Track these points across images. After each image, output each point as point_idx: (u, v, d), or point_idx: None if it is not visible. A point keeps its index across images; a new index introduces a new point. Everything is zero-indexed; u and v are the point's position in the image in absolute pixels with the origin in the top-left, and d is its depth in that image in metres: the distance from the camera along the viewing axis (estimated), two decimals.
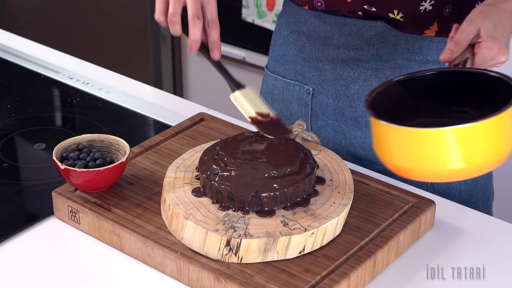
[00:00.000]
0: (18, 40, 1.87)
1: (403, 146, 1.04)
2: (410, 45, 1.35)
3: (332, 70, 1.40)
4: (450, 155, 1.01)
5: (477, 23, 1.14)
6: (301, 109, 1.47)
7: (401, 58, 1.35)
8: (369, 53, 1.36)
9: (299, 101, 1.47)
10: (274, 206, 1.15)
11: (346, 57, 1.37)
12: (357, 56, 1.37)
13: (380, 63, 1.36)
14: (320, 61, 1.41)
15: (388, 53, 1.35)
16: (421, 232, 1.22)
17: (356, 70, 1.38)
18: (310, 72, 1.44)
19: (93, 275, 1.16)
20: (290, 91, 1.48)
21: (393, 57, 1.35)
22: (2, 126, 1.54)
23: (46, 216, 1.26)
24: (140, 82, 1.71)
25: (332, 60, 1.39)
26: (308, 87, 1.45)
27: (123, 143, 1.27)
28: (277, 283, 1.07)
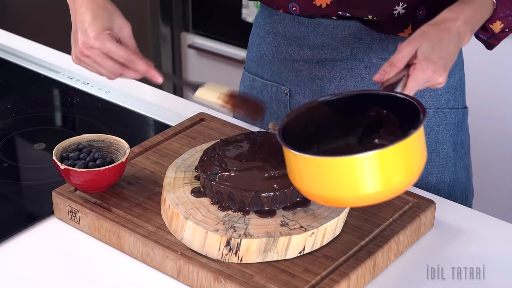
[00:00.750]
0: (18, 40, 1.87)
1: (313, 174, 1.02)
2: (384, 45, 1.35)
3: (307, 70, 1.40)
4: (360, 181, 1.00)
5: (415, 44, 1.12)
6: (280, 109, 1.48)
7: (376, 58, 1.35)
8: (343, 53, 1.36)
9: (277, 101, 1.47)
10: (274, 206, 1.15)
11: (321, 57, 1.37)
12: (332, 56, 1.37)
13: (355, 63, 1.36)
14: (296, 61, 1.41)
15: (362, 52, 1.35)
16: (421, 232, 1.22)
17: (331, 70, 1.38)
18: (286, 72, 1.44)
19: (93, 275, 1.16)
20: (268, 92, 1.49)
21: (368, 56, 1.35)
22: (2, 126, 1.54)
23: (46, 216, 1.26)
24: (140, 82, 1.71)
25: (308, 60, 1.39)
26: (285, 87, 1.45)
27: (123, 143, 1.27)
28: (277, 283, 1.07)
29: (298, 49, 1.40)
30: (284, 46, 1.42)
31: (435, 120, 1.40)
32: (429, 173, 1.42)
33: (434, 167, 1.42)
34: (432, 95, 1.38)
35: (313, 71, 1.39)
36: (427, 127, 1.39)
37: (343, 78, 1.38)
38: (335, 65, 1.37)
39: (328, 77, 1.39)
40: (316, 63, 1.39)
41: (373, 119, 1.10)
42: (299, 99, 1.44)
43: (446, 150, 1.41)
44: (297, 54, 1.40)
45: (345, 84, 1.38)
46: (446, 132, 1.41)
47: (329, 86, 1.39)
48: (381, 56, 1.35)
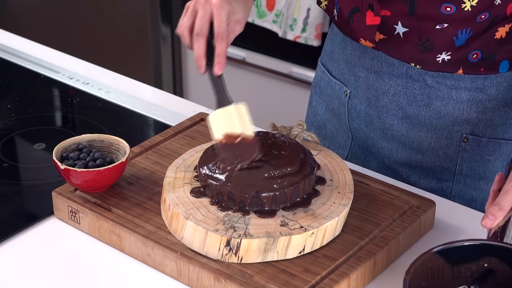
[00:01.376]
0: (18, 40, 1.87)
1: None
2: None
3: (365, 78, 1.39)
4: None
5: None
6: (340, 108, 1.47)
7: (432, 80, 1.33)
8: (399, 70, 1.35)
9: (338, 99, 1.47)
10: (274, 206, 1.15)
11: (378, 69, 1.36)
12: (388, 71, 1.36)
13: (410, 81, 1.34)
14: (357, 66, 1.40)
15: (417, 73, 1.33)
16: (421, 232, 1.22)
17: (387, 83, 1.37)
18: (349, 75, 1.43)
19: (93, 275, 1.16)
20: (332, 88, 1.48)
21: (423, 77, 1.33)
22: (2, 126, 1.54)
23: (46, 216, 1.26)
24: (140, 82, 1.71)
25: (367, 68, 1.38)
26: (346, 88, 1.44)
27: (123, 143, 1.27)
28: (277, 283, 1.07)
29: (360, 55, 1.39)
30: (350, 49, 1.41)
31: (487, 149, 1.36)
32: (474, 199, 1.39)
33: (479, 194, 1.39)
34: (487, 125, 1.35)
35: (370, 80, 1.38)
36: (478, 155, 1.37)
37: (397, 93, 1.36)
38: (391, 79, 1.36)
39: (383, 89, 1.37)
40: (374, 73, 1.37)
41: (486, 270, 1.07)
42: (356, 103, 1.43)
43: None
44: (359, 60, 1.39)
45: (398, 100, 1.36)
46: (499, 162, 1.37)
47: (382, 98, 1.38)
48: (437, 79, 1.32)
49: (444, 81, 1.32)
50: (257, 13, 2.71)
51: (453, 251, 1.07)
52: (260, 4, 2.69)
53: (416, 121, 1.37)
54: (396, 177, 1.42)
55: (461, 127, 1.35)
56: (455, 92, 1.32)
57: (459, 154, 1.37)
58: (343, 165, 1.26)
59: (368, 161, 1.47)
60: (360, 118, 1.44)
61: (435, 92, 1.33)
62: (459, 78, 1.31)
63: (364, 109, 1.42)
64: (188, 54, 3.03)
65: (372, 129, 1.42)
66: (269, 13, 2.68)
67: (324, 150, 1.30)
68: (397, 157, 1.41)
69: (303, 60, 2.72)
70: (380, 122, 1.40)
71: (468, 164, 1.37)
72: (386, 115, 1.39)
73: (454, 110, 1.33)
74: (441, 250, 1.06)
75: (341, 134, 1.50)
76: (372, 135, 1.43)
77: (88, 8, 3.14)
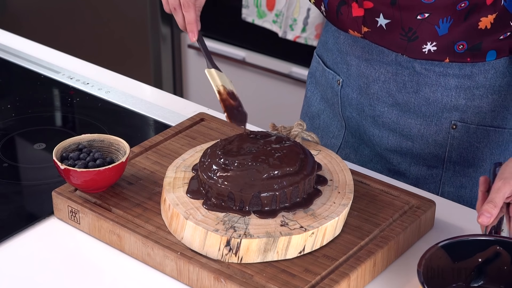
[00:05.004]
0: (18, 40, 1.87)
1: None
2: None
3: (357, 66, 1.41)
4: None
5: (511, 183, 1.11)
6: (333, 97, 1.50)
7: (420, 67, 1.34)
8: (389, 57, 1.36)
9: (331, 89, 1.50)
10: (274, 206, 1.15)
11: (369, 56, 1.39)
12: (378, 58, 1.38)
13: (400, 68, 1.36)
14: (349, 55, 1.43)
15: (407, 60, 1.35)
16: (421, 232, 1.22)
17: (377, 70, 1.39)
18: (341, 64, 1.46)
19: (93, 275, 1.16)
20: (326, 78, 1.51)
21: (412, 64, 1.35)
22: (2, 126, 1.54)
23: (46, 216, 1.26)
24: (140, 82, 1.71)
25: (358, 56, 1.41)
26: (339, 77, 1.46)
27: (123, 143, 1.27)
28: (277, 283, 1.07)
29: (352, 44, 1.41)
30: (343, 38, 1.43)
31: (476, 136, 1.37)
32: (463, 186, 1.41)
33: (469, 181, 1.40)
34: (475, 112, 1.36)
35: (361, 68, 1.41)
36: (466, 142, 1.38)
37: (387, 80, 1.38)
38: (381, 67, 1.38)
39: (374, 77, 1.39)
40: (365, 61, 1.40)
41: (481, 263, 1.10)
42: (348, 92, 1.45)
43: (484, 167, 1.39)
44: (351, 48, 1.41)
45: (388, 87, 1.38)
46: (487, 150, 1.39)
47: (373, 85, 1.40)
48: (425, 66, 1.34)
49: (433, 68, 1.34)
50: (257, 13, 2.71)
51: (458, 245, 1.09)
52: (260, 4, 2.69)
53: (405, 107, 1.38)
54: (387, 165, 1.45)
55: (450, 114, 1.37)
56: (443, 79, 1.34)
57: (448, 141, 1.38)
58: (343, 165, 1.26)
59: (361, 149, 1.49)
60: (352, 106, 1.46)
61: (424, 79, 1.35)
62: (447, 65, 1.33)
63: (355, 97, 1.44)
64: (188, 54, 3.03)
65: (364, 117, 1.44)
66: (269, 13, 2.68)
67: (324, 150, 1.30)
68: (387, 144, 1.43)
69: (303, 60, 2.72)
70: (371, 109, 1.42)
71: (457, 151, 1.39)
72: (376, 102, 1.41)
73: (442, 96, 1.35)
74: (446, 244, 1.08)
75: (334, 124, 1.52)
76: (363, 123, 1.45)
77: (88, 8, 3.14)
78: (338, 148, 1.52)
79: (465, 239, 1.09)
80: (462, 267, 1.09)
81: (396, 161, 1.44)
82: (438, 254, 1.07)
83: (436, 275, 1.07)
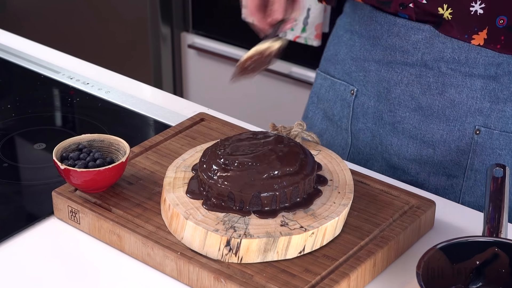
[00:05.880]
0: (18, 40, 1.87)
1: None
2: (456, 55, 1.33)
3: (376, 71, 1.40)
4: None
5: None
6: (343, 110, 1.47)
7: (446, 67, 1.34)
8: (414, 57, 1.35)
9: (342, 101, 1.47)
10: (274, 206, 1.15)
11: (391, 59, 1.37)
12: (402, 59, 1.36)
13: (424, 69, 1.35)
14: (367, 61, 1.41)
15: (433, 60, 1.34)
16: (421, 232, 1.22)
17: (399, 73, 1.37)
18: (356, 72, 1.44)
19: (93, 275, 1.16)
20: (335, 91, 1.49)
21: (438, 64, 1.34)
22: (2, 126, 1.54)
23: (46, 216, 1.26)
24: (140, 82, 1.71)
25: (378, 60, 1.39)
26: (352, 87, 1.45)
27: (123, 143, 1.27)
28: (277, 283, 1.07)
29: (371, 49, 1.40)
30: (359, 44, 1.42)
31: (499, 143, 1.36)
32: (483, 196, 1.38)
33: None
34: (499, 116, 1.35)
35: (382, 73, 1.39)
36: (489, 149, 1.37)
37: (410, 83, 1.37)
38: (404, 69, 1.37)
39: (396, 80, 1.38)
40: (386, 64, 1.38)
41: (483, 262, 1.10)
42: (363, 101, 1.43)
43: None
44: (369, 53, 1.40)
45: (411, 89, 1.37)
46: (509, 157, 1.37)
47: (394, 89, 1.38)
48: (451, 66, 1.33)
49: (459, 68, 1.33)
50: None
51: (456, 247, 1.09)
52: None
53: (429, 111, 1.37)
54: (404, 176, 1.42)
55: (474, 119, 1.35)
56: (469, 80, 1.33)
57: (471, 147, 1.37)
58: (343, 165, 1.26)
59: (369, 165, 1.47)
60: (368, 116, 1.44)
61: (450, 80, 1.34)
62: (473, 64, 1.32)
63: (373, 105, 1.42)
64: (188, 54, 3.03)
65: (381, 125, 1.42)
66: None
67: (324, 150, 1.30)
68: (407, 153, 1.41)
69: (303, 60, 2.72)
70: (391, 115, 1.41)
71: (480, 158, 1.37)
72: (397, 107, 1.39)
73: (468, 98, 1.34)
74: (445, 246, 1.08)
75: (338, 142, 1.50)
76: (380, 132, 1.43)
77: (88, 8, 3.14)
78: None
79: (463, 241, 1.09)
80: (461, 269, 1.09)
81: (415, 171, 1.42)
82: (436, 256, 1.07)
83: (436, 276, 1.07)
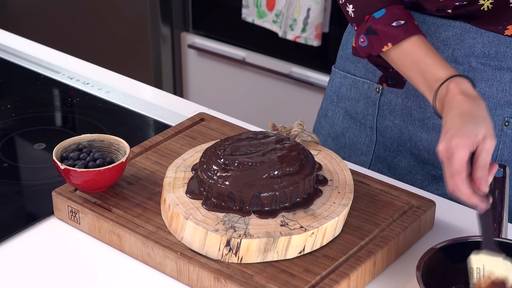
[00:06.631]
0: (18, 40, 1.87)
1: None
2: (486, 49, 1.33)
3: None
4: None
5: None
6: (368, 108, 1.46)
7: (476, 62, 1.33)
8: (444, 54, 1.34)
9: (366, 99, 1.46)
10: (274, 206, 1.15)
11: None
12: None
13: (455, 65, 1.34)
14: None
15: (463, 55, 1.34)
16: (421, 232, 1.22)
17: None
18: None
19: (93, 275, 1.16)
20: (358, 89, 1.47)
21: (468, 60, 1.34)
22: (2, 126, 1.54)
23: (46, 216, 1.26)
24: (140, 82, 1.71)
25: None
26: (377, 85, 1.44)
27: (123, 143, 1.27)
28: (277, 283, 1.07)
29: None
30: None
31: None
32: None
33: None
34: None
35: None
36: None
37: None
38: None
39: None
40: None
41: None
42: (390, 98, 1.42)
43: None
44: None
45: None
46: None
47: None
48: (482, 61, 1.33)
49: (489, 62, 1.33)
50: (257, 13, 2.71)
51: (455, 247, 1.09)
52: (260, 4, 2.69)
53: None
54: (434, 170, 1.42)
55: (503, 111, 1.36)
56: (499, 73, 1.34)
57: (501, 139, 1.37)
58: (343, 165, 1.26)
59: (397, 162, 1.46)
60: (395, 113, 1.43)
61: (480, 74, 1.34)
62: (502, 58, 1.33)
63: (401, 102, 1.42)
64: (188, 54, 3.03)
65: (410, 122, 1.42)
66: (269, 13, 2.68)
67: (324, 150, 1.30)
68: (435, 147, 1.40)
69: (303, 60, 2.72)
70: (421, 112, 1.40)
71: (509, 149, 1.38)
72: (428, 103, 1.39)
73: (497, 91, 1.35)
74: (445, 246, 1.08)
75: (362, 140, 1.49)
76: (409, 128, 1.42)
77: (88, 8, 3.14)
78: (369, 164, 1.48)
79: (462, 241, 1.09)
80: (461, 269, 1.09)
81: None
82: (436, 256, 1.07)
83: (436, 275, 1.07)
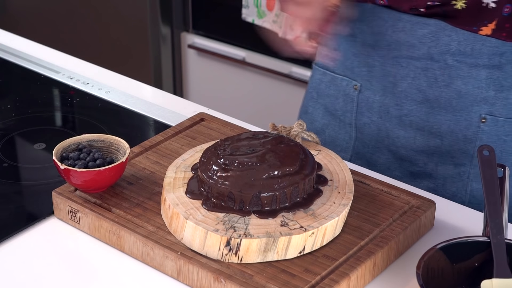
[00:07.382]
0: (18, 40, 1.87)
1: None
2: (462, 47, 1.34)
3: (381, 66, 1.40)
4: None
5: None
6: (347, 105, 1.47)
7: (452, 59, 1.34)
8: (420, 51, 1.35)
9: (345, 96, 1.47)
10: (274, 206, 1.15)
11: (396, 53, 1.37)
12: (407, 54, 1.36)
13: (431, 63, 1.35)
14: (370, 56, 1.40)
15: (439, 52, 1.34)
16: (421, 232, 1.22)
17: (405, 67, 1.37)
18: (359, 67, 1.43)
19: (93, 275, 1.16)
20: (337, 86, 1.48)
21: (444, 57, 1.35)
22: (2, 126, 1.54)
23: (46, 216, 1.26)
24: (140, 82, 1.71)
25: (383, 55, 1.39)
26: (356, 82, 1.44)
27: (123, 143, 1.27)
28: (277, 283, 1.07)
29: (374, 44, 1.39)
30: (360, 40, 1.41)
31: (504, 130, 1.37)
32: None
33: None
34: (503, 104, 1.36)
35: (387, 67, 1.39)
36: (495, 135, 1.38)
37: (417, 76, 1.37)
38: (410, 63, 1.37)
39: (402, 74, 1.38)
40: (391, 59, 1.38)
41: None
42: (368, 95, 1.43)
43: (511, 161, 1.39)
44: (373, 49, 1.40)
45: (418, 83, 1.37)
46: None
47: (401, 83, 1.38)
48: (457, 58, 1.34)
49: (465, 60, 1.34)
50: (257, 13, 2.71)
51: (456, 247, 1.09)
52: (260, 4, 2.69)
53: (436, 103, 1.38)
54: (412, 167, 1.43)
55: (479, 108, 1.36)
56: (475, 70, 1.34)
57: (478, 135, 1.38)
58: (343, 165, 1.26)
59: (375, 158, 1.47)
60: (373, 110, 1.44)
61: (456, 71, 1.35)
62: (478, 55, 1.33)
63: (378, 100, 1.43)
64: (188, 54, 3.03)
65: (388, 119, 1.43)
66: (269, 13, 2.68)
67: (324, 150, 1.30)
68: (414, 145, 1.41)
69: (303, 60, 2.72)
70: (398, 109, 1.41)
71: None
72: (404, 101, 1.39)
73: (473, 88, 1.35)
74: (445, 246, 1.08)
75: (341, 136, 1.50)
76: (387, 126, 1.43)
77: (88, 8, 3.14)
78: (348, 161, 1.49)
79: (463, 241, 1.09)
80: (461, 269, 1.09)
81: (422, 162, 1.42)
82: (436, 256, 1.07)
83: (436, 275, 1.07)
